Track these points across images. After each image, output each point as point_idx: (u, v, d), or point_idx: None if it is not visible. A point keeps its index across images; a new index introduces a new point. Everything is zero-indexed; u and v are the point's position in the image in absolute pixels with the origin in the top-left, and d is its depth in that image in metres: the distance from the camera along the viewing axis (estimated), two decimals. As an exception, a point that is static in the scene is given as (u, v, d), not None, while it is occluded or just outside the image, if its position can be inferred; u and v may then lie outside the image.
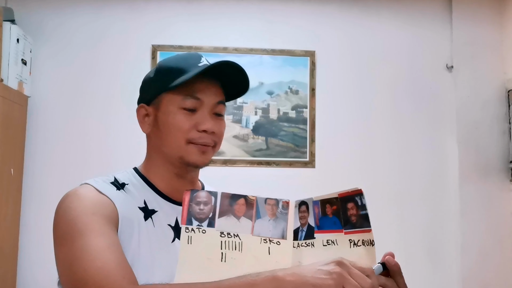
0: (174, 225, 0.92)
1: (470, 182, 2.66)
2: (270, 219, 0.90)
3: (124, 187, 0.92)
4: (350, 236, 0.90)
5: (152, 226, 0.90)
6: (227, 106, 1.04)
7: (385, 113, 2.75)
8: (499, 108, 2.73)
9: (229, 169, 2.63)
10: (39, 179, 2.53)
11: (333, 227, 0.90)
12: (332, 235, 0.90)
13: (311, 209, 0.91)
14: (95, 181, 0.91)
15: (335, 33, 2.78)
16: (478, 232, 2.63)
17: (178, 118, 0.92)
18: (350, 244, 0.89)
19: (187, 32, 2.71)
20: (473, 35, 2.77)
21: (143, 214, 0.90)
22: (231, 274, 0.82)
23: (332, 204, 0.91)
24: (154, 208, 0.92)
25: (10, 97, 2.33)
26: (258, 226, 0.89)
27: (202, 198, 0.88)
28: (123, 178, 0.95)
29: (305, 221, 0.90)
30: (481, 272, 2.61)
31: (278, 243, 0.89)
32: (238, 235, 0.88)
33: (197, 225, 0.87)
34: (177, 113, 0.92)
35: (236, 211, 0.89)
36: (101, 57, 2.62)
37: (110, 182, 0.92)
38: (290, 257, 0.88)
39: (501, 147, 2.70)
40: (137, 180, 0.95)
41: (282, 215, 0.90)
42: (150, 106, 0.96)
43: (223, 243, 0.87)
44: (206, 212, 0.87)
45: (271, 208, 0.90)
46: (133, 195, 0.91)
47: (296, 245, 0.89)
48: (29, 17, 2.62)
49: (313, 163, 2.69)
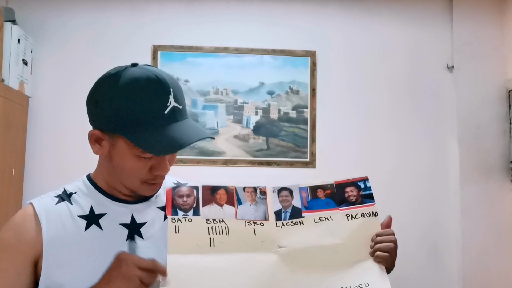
0: (130, 223, 0.93)
1: (470, 182, 2.66)
2: (251, 204, 0.96)
3: (71, 197, 0.94)
4: (347, 211, 0.98)
5: (99, 230, 0.90)
6: (228, 106, 1.04)
7: (385, 113, 2.75)
8: (499, 108, 2.73)
9: (230, 169, 2.63)
10: (40, 179, 2.53)
11: (325, 206, 0.97)
12: (325, 212, 0.97)
13: (296, 194, 0.98)
14: (39, 199, 0.93)
15: (336, 33, 2.79)
16: (478, 231, 2.63)
17: (134, 165, 0.88)
18: (347, 217, 0.97)
19: (188, 32, 2.71)
20: (474, 35, 2.77)
21: (85, 223, 0.90)
22: (220, 258, 0.88)
23: (325, 189, 0.99)
24: (103, 211, 0.93)
25: (11, 97, 2.34)
26: (241, 211, 0.95)
27: (184, 191, 0.95)
28: (72, 188, 0.96)
29: (288, 204, 0.97)
30: (481, 271, 2.61)
31: (262, 224, 0.95)
32: (223, 220, 0.93)
33: (183, 215, 0.92)
34: (132, 160, 0.88)
35: (218, 200, 0.95)
36: (102, 57, 2.62)
37: (55, 196, 0.94)
38: (275, 236, 0.94)
39: (501, 147, 2.70)
40: (86, 187, 0.96)
41: (262, 200, 0.97)
42: (105, 134, 0.89)
43: (210, 228, 0.92)
44: (189, 203, 0.94)
45: (250, 194, 0.97)
46: (77, 205, 0.93)
47: (280, 225, 0.95)
48: (30, 18, 2.62)
49: (313, 163, 2.69)
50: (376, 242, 0.94)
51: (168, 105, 0.86)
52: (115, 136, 0.88)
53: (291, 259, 0.92)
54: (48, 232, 0.87)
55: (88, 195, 0.94)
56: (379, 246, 0.93)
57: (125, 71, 0.89)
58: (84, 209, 0.92)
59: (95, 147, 0.92)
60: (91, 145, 0.92)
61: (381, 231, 0.96)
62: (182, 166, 2.56)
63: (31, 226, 0.88)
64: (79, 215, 0.91)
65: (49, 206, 0.91)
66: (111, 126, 0.87)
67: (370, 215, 0.96)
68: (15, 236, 0.87)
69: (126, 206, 0.94)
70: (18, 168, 2.45)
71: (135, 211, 0.94)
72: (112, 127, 0.87)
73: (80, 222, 0.90)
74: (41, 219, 0.88)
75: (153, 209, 0.97)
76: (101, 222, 0.91)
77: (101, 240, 0.89)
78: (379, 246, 0.93)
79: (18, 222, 0.89)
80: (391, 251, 0.93)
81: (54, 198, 0.93)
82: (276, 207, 0.96)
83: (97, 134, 0.90)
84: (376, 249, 0.93)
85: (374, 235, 0.95)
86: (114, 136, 0.88)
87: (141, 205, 0.96)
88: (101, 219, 0.91)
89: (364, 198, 0.97)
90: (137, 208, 0.95)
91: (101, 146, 0.91)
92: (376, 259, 0.93)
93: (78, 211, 0.92)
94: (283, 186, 0.98)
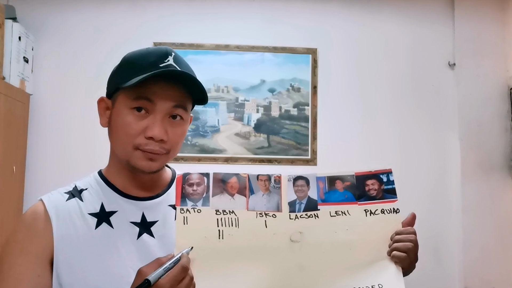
0: (140, 221, 0.91)
1: (472, 179, 2.66)
2: (264, 194, 0.91)
3: (81, 194, 0.92)
4: (366, 206, 0.92)
5: (110, 228, 0.89)
6: (229, 104, 1.03)
7: (387, 111, 2.75)
8: (501, 106, 2.72)
9: (231, 166, 2.63)
10: (41, 177, 2.54)
11: (343, 200, 0.92)
12: (342, 206, 0.91)
13: (313, 184, 0.92)
14: (50, 195, 0.92)
15: (337, 31, 2.78)
16: (480, 229, 2.63)
17: (127, 120, 0.87)
18: (365, 213, 0.91)
19: (188, 30, 2.71)
20: (476, 33, 2.76)
21: (95, 221, 0.89)
22: (228, 251, 0.84)
23: (344, 180, 0.93)
24: (114, 209, 0.91)
25: (12, 95, 2.34)
26: (252, 201, 0.90)
27: (194, 179, 0.89)
28: (83, 184, 0.95)
29: (304, 194, 0.91)
30: (483, 269, 2.61)
31: (274, 216, 0.90)
32: (233, 211, 0.89)
33: (192, 205, 0.88)
34: (127, 115, 0.87)
35: (229, 189, 0.90)
36: (103, 54, 2.62)
37: (65, 192, 0.93)
38: (287, 228, 0.89)
39: (503, 145, 2.70)
40: (98, 183, 0.94)
41: (275, 189, 0.91)
42: (110, 100, 0.94)
43: (219, 220, 0.87)
44: (199, 192, 0.89)
45: (263, 183, 0.91)
46: (88, 202, 0.91)
47: (293, 217, 0.90)
48: (31, 15, 2.62)
49: (314, 161, 2.69)
50: (395, 241, 0.90)
51: (165, 61, 0.88)
52: (115, 96, 0.91)
53: (302, 255, 0.88)
54: (58, 230, 0.86)
55: (99, 192, 0.93)
56: (397, 246, 0.89)
57: None
58: (95, 206, 0.91)
59: (103, 118, 0.94)
60: (100, 115, 0.95)
61: (401, 230, 0.91)
62: (183, 163, 2.56)
63: (41, 225, 0.87)
64: (89, 212, 0.90)
65: (60, 203, 0.90)
66: (113, 83, 0.92)
67: (390, 212, 0.91)
68: (28, 238, 0.86)
69: (136, 204, 0.93)
70: (20, 165, 2.46)
71: (146, 209, 0.93)
72: (113, 84, 0.91)
73: (90, 220, 0.89)
74: (52, 217, 0.87)
75: (164, 207, 0.95)
76: (112, 220, 0.90)
77: (112, 239, 0.88)
78: (396, 246, 0.89)
79: (29, 222, 0.88)
80: (409, 251, 0.89)
81: (65, 194, 0.92)
82: (290, 198, 0.91)
83: (103, 99, 0.95)
84: (394, 248, 0.89)
85: (393, 234, 0.91)
86: (114, 97, 0.92)
87: (152, 202, 0.94)
88: (111, 217, 0.90)
89: (385, 193, 0.92)
90: (148, 206, 0.93)
91: (108, 112, 0.94)
92: (393, 259, 0.88)
93: (89, 209, 0.90)
94: (300, 174, 0.93)
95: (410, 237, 0.91)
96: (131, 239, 0.89)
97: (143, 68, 0.87)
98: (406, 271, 0.90)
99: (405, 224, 0.93)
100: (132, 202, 0.93)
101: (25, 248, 0.85)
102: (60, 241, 0.85)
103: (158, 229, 0.91)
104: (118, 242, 0.88)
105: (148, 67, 0.87)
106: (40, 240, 0.86)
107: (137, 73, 0.86)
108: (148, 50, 0.92)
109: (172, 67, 0.88)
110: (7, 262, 0.85)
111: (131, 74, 0.87)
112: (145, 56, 0.90)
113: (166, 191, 0.97)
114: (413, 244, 0.90)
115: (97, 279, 0.84)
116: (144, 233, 0.90)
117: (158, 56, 0.89)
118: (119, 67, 0.93)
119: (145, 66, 0.87)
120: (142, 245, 0.89)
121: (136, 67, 0.88)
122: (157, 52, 0.90)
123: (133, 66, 0.89)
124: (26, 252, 0.85)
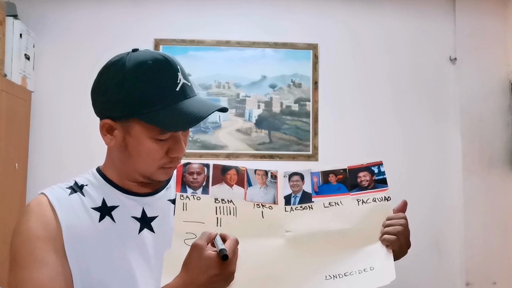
0: (141, 217, 0.92)
1: (473, 174, 2.66)
2: (261, 187, 0.96)
3: (83, 189, 0.92)
4: (358, 196, 0.97)
5: (112, 222, 0.89)
6: (230, 100, 1.04)
7: (388, 106, 2.75)
8: (502, 100, 2.72)
9: (232, 162, 2.63)
10: (43, 174, 2.54)
11: (336, 192, 0.97)
12: (335, 197, 0.96)
13: (308, 179, 0.97)
14: (51, 189, 0.91)
15: (338, 26, 2.77)
16: (481, 224, 2.63)
17: (152, 148, 0.87)
18: (358, 202, 0.96)
19: (189, 26, 2.71)
20: (477, 27, 2.76)
21: (98, 215, 0.89)
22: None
23: (337, 174, 0.99)
24: (115, 203, 0.92)
25: (14, 92, 2.34)
26: (250, 193, 0.95)
27: (194, 168, 0.94)
28: (83, 180, 0.95)
29: (299, 188, 0.97)
30: (484, 264, 2.61)
31: (271, 207, 0.94)
32: (232, 200, 0.93)
33: (192, 193, 0.91)
34: (151, 143, 0.87)
35: (228, 180, 0.95)
36: (104, 51, 2.61)
37: (66, 187, 0.92)
38: (283, 220, 0.94)
39: (504, 139, 2.69)
40: (97, 180, 0.95)
41: (272, 183, 0.97)
42: (117, 123, 0.89)
43: (218, 208, 0.91)
44: (199, 181, 0.93)
45: (260, 177, 0.97)
46: (89, 197, 0.91)
47: (289, 209, 0.95)
48: (32, 12, 2.62)
49: (316, 156, 2.69)
50: (386, 225, 0.93)
51: (178, 82, 0.87)
52: (129, 122, 0.87)
53: (297, 244, 0.91)
54: (64, 221, 0.86)
55: (98, 188, 0.93)
56: (387, 229, 0.92)
57: (128, 56, 0.88)
58: (97, 201, 0.91)
59: (107, 138, 0.91)
60: (102, 136, 0.91)
61: (392, 215, 0.95)
62: (184, 160, 2.55)
63: (49, 214, 0.86)
64: (92, 207, 0.90)
65: (62, 196, 0.90)
66: (124, 112, 0.86)
67: (382, 200, 0.95)
68: (41, 225, 0.85)
69: (136, 199, 0.93)
70: (22, 162, 2.47)
71: (146, 204, 0.93)
72: (125, 113, 0.86)
73: (93, 213, 0.89)
74: (56, 207, 0.87)
75: (163, 202, 0.96)
76: (114, 214, 0.90)
77: (114, 232, 0.89)
78: (387, 229, 0.92)
79: (36, 211, 0.87)
80: (399, 234, 0.91)
81: (66, 189, 0.92)
82: (286, 192, 0.96)
83: (109, 123, 0.89)
84: (384, 232, 0.92)
85: (385, 220, 0.94)
86: (127, 123, 0.87)
87: (152, 198, 0.95)
88: (113, 211, 0.91)
89: (377, 183, 0.96)
90: (148, 201, 0.94)
91: (113, 136, 0.90)
92: (384, 242, 0.91)
93: (91, 203, 0.91)
94: (295, 171, 0.97)
95: (400, 221, 0.93)
96: (132, 233, 0.90)
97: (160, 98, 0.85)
98: (397, 254, 0.93)
99: (396, 211, 0.97)
100: (132, 197, 0.94)
101: (40, 234, 0.84)
102: (66, 230, 0.86)
103: (158, 224, 0.92)
104: (121, 236, 0.89)
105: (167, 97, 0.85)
106: (52, 228, 0.85)
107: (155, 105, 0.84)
108: (152, 69, 0.86)
109: (186, 87, 0.88)
110: (25, 249, 0.83)
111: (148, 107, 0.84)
112: (157, 82, 0.85)
113: (165, 186, 0.98)
114: (403, 227, 0.93)
115: (101, 271, 0.85)
116: (145, 228, 0.91)
117: (169, 78, 0.86)
118: (127, 90, 0.85)
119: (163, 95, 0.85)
120: (143, 240, 0.90)
121: (152, 98, 0.84)
122: (165, 70, 0.86)
123: (148, 97, 0.84)
124: (42, 237, 0.84)
